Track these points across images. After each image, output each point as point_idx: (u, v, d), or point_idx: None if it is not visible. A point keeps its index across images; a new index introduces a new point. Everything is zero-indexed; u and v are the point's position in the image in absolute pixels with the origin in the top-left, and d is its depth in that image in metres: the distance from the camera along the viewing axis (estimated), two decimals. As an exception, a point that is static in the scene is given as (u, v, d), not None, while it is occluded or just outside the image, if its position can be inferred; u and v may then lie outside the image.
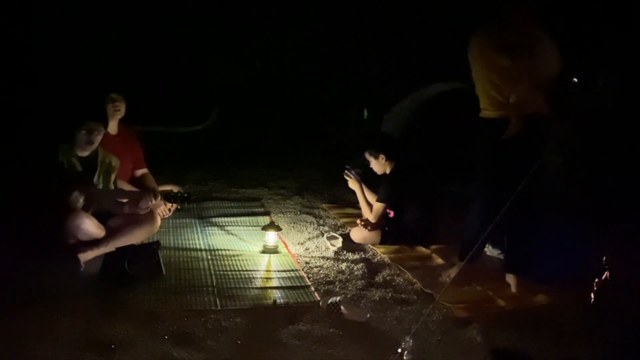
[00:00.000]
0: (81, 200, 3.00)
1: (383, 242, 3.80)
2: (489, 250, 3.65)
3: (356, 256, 3.57)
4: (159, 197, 3.30)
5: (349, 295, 2.92)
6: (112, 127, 3.71)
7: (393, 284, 3.17)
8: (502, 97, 2.96)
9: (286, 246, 3.66)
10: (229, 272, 3.18)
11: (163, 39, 8.28)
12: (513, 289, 3.12)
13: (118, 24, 7.74)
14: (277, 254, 3.50)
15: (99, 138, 3.20)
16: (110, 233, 3.16)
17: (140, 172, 3.96)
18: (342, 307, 2.69)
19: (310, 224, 4.20)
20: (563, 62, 2.95)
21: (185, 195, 3.31)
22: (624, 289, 2.93)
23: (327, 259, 3.49)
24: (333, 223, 4.30)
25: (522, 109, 2.92)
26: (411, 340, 2.13)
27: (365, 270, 3.32)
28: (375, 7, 7.82)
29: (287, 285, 3.06)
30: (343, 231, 4.06)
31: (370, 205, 3.92)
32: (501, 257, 3.51)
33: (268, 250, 3.51)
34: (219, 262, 3.33)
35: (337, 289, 3.03)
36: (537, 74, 2.92)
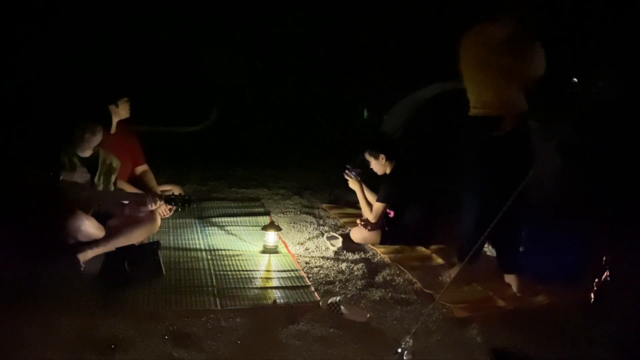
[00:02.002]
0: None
1: (383, 242, 3.80)
2: (489, 250, 3.65)
3: (356, 256, 3.57)
4: (161, 201, 3.31)
5: (349, 295, 2.92)
6: (112, 126, 3.74)
7: (393, 284, 3.17)
8: (495, 96, 2.97)
9: (286, 246, 3.66)
10: (229, 272, 3.18)
11: (163, 38, 8.29)
12: (515, 288, 3.12)
13: (118, 24, 7.75)
14: (277, 254, 3.50)
15: (97, 139, 3.21)
16: (110, 233, 3.17)
17: (141, 169, 3.97)
18: (342, 307, 2.69)
19: (310, 224, 4.20)
20: (547, 62, 2.98)
21: (186, 198, 3.31)
22: (624, 289, 2.94)
23: (327, 259, 3.49)
24: (333, 223, 4.30)
25: (514, 107, 2.94)
26: (411, 340, 2.13)
27: (365, 270, 3.32)
28: (376, 6, 7.82)
29: (287, 285, 3.06)
30: (343, 231, 4.06)
31: (370, 205, 3.92)
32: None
33: (268, 250, 3.51)
34: (219, 262, 3.33)
35: (337, 289, 3.03)
36: (529, 73, 2.94)
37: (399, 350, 2.10)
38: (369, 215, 3.86)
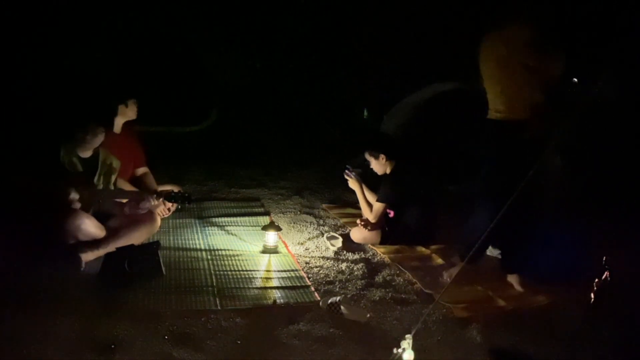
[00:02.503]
0: (77, 198, 3.01)
1: (383, 242, 3.80)
2: (489, 250, 3.65)
3: (356, 256, 3.57)
4: (160, 198, 3.30)
5: (349, 295, 2.92)
6: (117, 127, 3.75)
7: (393, 284, 3.17)
8: (524, 99, 2.92)
9: (286, 246, 3.66)
10: (229, 272, 3.18)
11: (163, 38, 8.29)
12: (517, 287, 3.11)
13: (119, 24, 7.75)
14: (277, 254, 3.50)
15: (98, 140, 3.22)
16: (111, 233, 3.17)
17: (141, 171, 3.99)
18: (342, 307, 2.69)
19: (310, 224, 4.20)
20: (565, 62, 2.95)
21: (186, 195, 3.30)
22: (624, 289, 2.93)
23: (327, 259, 3.49)
24: (333, 223, 4.30)
25: (541, 110, 2.90)
26: (411, 340, 2.13)
27: (365, 270, 3.32)
28: (377, 6, 7.81)
29: (287, 285, 3.06)
30: (343, 231, 4.06)
31: (370, 205, 3.92)
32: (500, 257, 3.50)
33: (268, 250, 3.52)
34: (219, 262, 3.33)
35: (337, 289, 3.03)
36: (555, 74, 2.91)
37: (399, 350, 2.10)
38: (369, 215, 3.86)
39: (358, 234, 3.82)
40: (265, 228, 3.57)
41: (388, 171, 3.89)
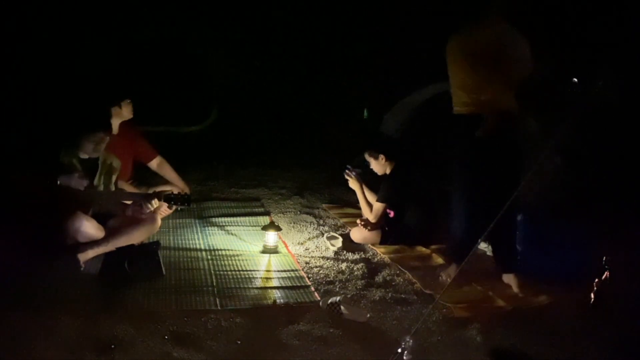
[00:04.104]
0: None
1: (383, 242, 3.80)
2: (489, 250, 3.65)
3: (356, 256, 3.57)
4: (160, 201, 3.30)
5: (349, 295, 2.92)
6: (114, 128, 3.74)
7: (393, 284, 3.17)
8: (474, 96, 2.99)
9: (286, 246, 3.66)
10: (229, 272, 3.18)
11: (163, 38, 8.29)
12: (515, 288, 3.12)
13: (119, 24, 7.75)
14: (277, 254, 3.50)
15: (103, 146, 3.22)
16: (110, 233, 3.16)
17: (155, 162, 3.99)
18: (342, 307, 2.69)
19: (310, 224, 4.20)
20: (534, 62, 2.98)
21: (186, 197, 3.30)
22: (624, 289, 2.93)
23: (327, 259, 3.49)
24: (333, 223, 4.30)
25: (496, 107, 2.95)
26: (411, 340, 2.13)
27: (365, 270, 3.32)
28: (376, 6, 7.81)
29: (287, 285, 3.06)
30: (343, 231, 4.06)
31: (370, 205, 3.92)
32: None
33: (268, 250, 3.52)
34: (219, 262, 3.33)
35: (337, 289, 3.03)
36: (511, 73, 2.95)
37: (399, 350, 2.10)
38: (369, 215, 3.86)
39: (358, 234, 3.82)
40: (265, 228, 3.57)
41: (388, 171, 3.89)
